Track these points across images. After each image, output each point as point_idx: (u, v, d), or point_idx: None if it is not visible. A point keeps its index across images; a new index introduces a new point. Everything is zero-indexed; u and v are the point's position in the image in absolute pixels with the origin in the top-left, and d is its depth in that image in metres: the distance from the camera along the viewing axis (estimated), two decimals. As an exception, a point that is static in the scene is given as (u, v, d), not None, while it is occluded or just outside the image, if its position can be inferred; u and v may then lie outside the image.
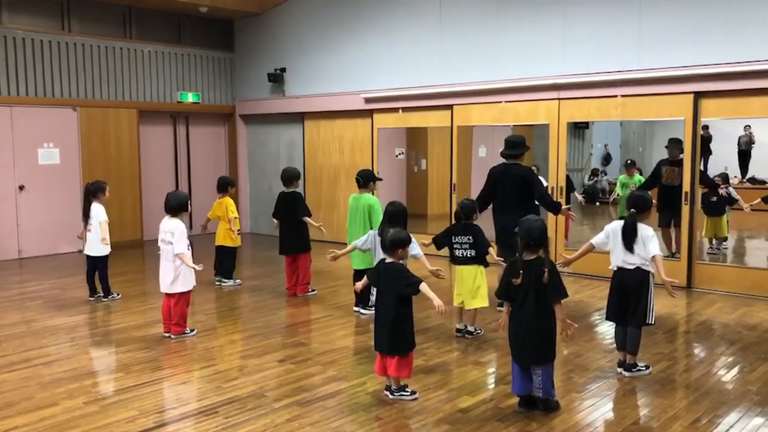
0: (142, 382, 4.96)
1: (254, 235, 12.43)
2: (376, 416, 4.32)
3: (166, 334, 6.09)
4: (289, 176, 7.58)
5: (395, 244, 4.54)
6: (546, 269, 4.17)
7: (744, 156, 13.10)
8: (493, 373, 5.25)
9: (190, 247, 5.97)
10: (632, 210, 4.99)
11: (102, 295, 7.51)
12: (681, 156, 8.09)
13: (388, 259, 4.59)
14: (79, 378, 5.06)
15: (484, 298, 5.84)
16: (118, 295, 7.58)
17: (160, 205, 6.18)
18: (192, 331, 6.18)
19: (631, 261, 4.93)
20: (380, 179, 7.18)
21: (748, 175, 12.88)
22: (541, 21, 8.88)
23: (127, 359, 5.52)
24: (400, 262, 4.59)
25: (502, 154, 6.82)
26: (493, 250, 5.93)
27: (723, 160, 11.63)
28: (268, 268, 9.34)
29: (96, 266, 7.45)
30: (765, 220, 11.26)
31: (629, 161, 10.17)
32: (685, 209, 7.89)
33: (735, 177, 11.50)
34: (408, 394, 4.57)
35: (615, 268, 5.05)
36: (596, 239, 5.16)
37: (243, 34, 12.83)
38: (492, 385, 4.97)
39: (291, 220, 7.53)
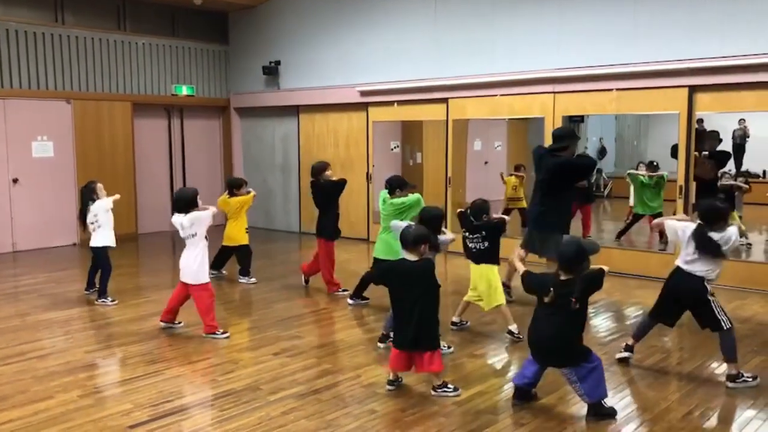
0: (136, 375, 4.97)
1: (250, 228, 12.36)
2: (371, 409, 4.33)
3: (163, 325, 6.08)
4: (313, 170, 7.55)
5: (419, 240, 4.53)
6: (574, 298, 4.02)
7: (739, 150, 13.15)
8: (487, 366, 5.26)
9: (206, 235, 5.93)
10: (700, 222, 4.72)
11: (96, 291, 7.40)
12: (708, 151, 7.87)
13: (411, 257, 4.55)
14: (73, 371, 5.06)
15: (501, 296, 5.81)
16: (113, 301, 7.08)
17: (155, 198, 6.16)
18: (225, 333, 5.93)
19: (692, 263, 4.74)
20: (413, 185, 6.75)
21: (743, 169, 12.93)
22: (536, 14, 8.87)
23: (121, 352, 5.52)
24: (426, 257, 4.59)
25: (549, 148, 6.61)
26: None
27: (718, 154, 11.64)
28: (263, 262, 9.33)
29: (97, 262, 7.21)
30: (759, 213, 11.30)
31: (655, 163, 9.73)
32: (679, 203, 7.91)
33: (729, 170, 11.49)
34: (451, 390, 4.54)
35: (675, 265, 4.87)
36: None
37: (237, 26, 12.78)
38: (486, 378, 4.98)
39: (320, 208, 7.56)
